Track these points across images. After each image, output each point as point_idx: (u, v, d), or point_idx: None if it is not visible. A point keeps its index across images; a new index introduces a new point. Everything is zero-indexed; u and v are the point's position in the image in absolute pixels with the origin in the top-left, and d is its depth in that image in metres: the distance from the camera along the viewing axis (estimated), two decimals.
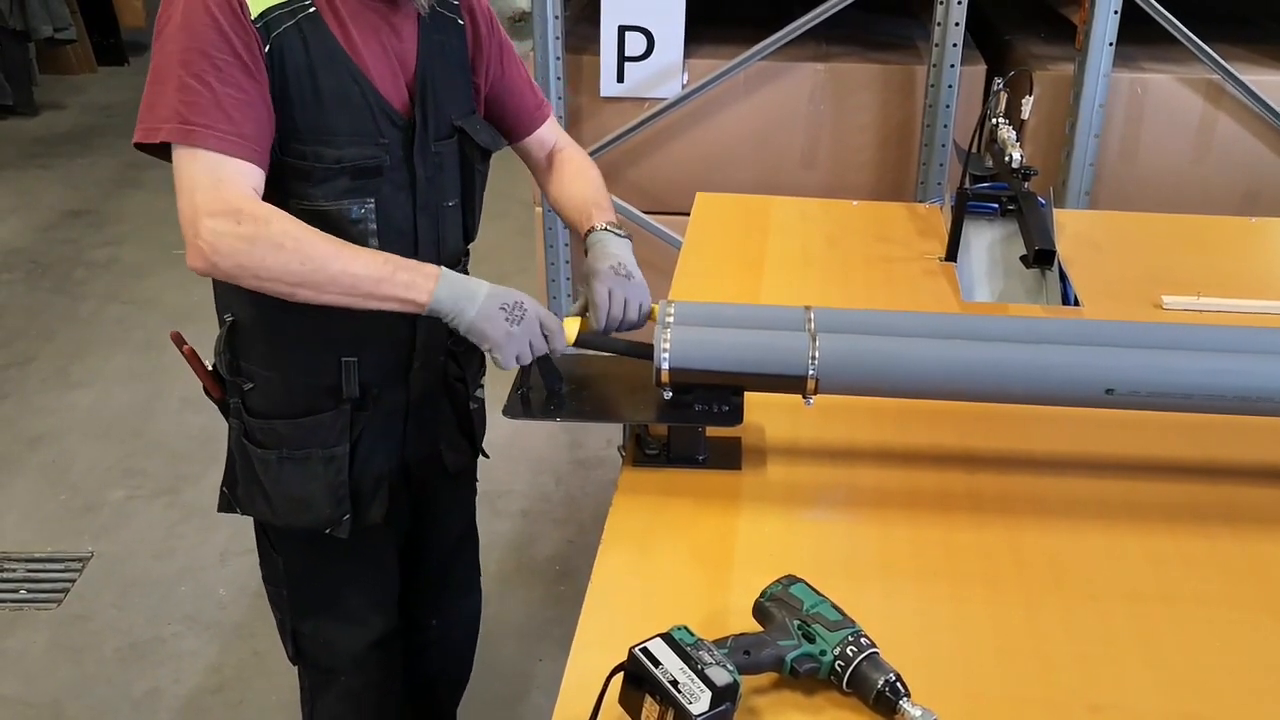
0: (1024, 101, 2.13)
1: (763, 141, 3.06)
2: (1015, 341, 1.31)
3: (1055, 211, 2.02)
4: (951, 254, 1.96)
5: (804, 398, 1.28)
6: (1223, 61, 2.80)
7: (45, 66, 6.51)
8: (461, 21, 1.49)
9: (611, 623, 1.13)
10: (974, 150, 2.13)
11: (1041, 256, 1.86)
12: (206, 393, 1.56)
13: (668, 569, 1.21)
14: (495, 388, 1.63)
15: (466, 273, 1.49)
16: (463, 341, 1.40)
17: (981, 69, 2.95)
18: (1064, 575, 1.21)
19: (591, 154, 3.00)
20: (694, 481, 1.34)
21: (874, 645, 1.04)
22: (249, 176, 1.28)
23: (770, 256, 2.01)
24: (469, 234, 1.58)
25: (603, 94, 3.02)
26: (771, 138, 3.05)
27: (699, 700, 0.98)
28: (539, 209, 3.18)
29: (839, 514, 1.32)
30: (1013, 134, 2.04)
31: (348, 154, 1.36)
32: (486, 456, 1.78)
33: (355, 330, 1.42)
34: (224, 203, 1.25)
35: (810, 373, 1.25)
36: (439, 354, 1.57)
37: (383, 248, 1.38)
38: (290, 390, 1.48)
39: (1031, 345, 1.30)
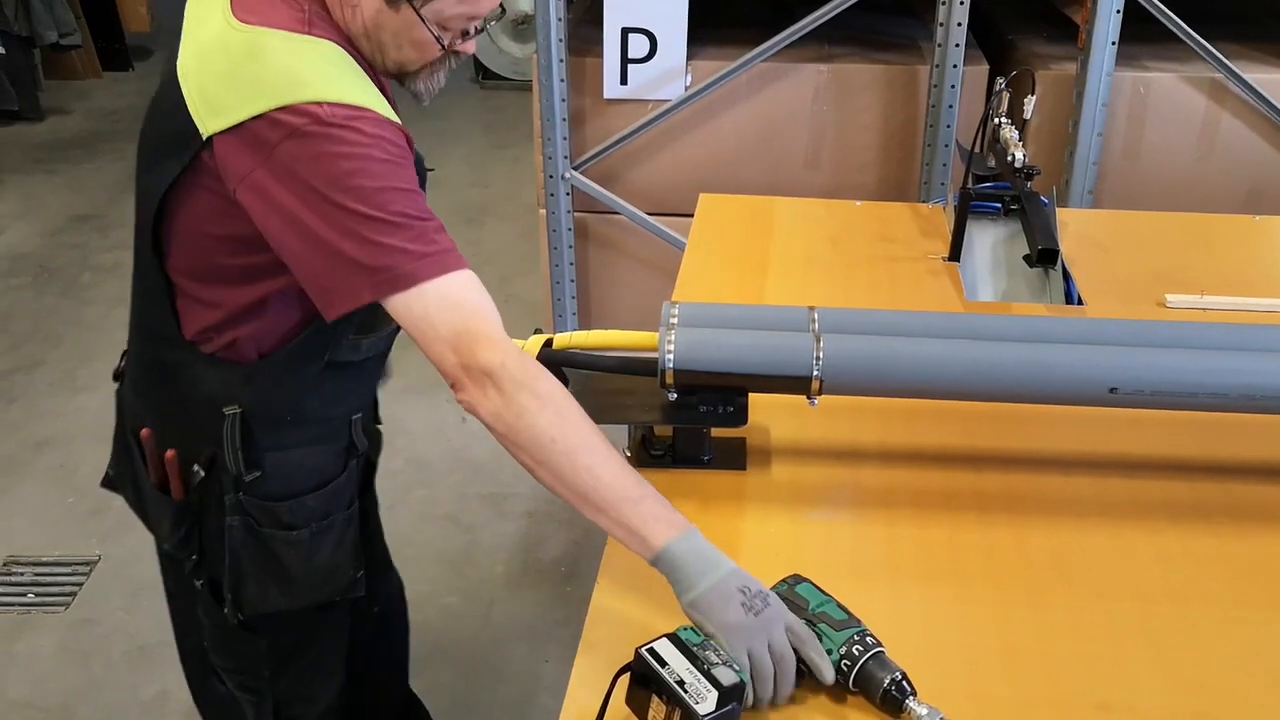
0: (1026, 101, 2.13)
1: (766, 142, 3.06)
2: (1019, 341, 1.31)
3: (1058, 211, 2.02)
4: (955, 254, 1.97)
5: (808, 398, 1.28)
6: (1226, 60, 2.80)
7: (50, 72, 6.52)
8: None
9: (618, 624, 1.13)
10: (977, 150, 2.13)
11: (1045, 256, 1.86)
12: (164, 493, 1.40)
13: None
14: None
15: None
16: None
17: (984, 69, 2.95)
18: (1070, 574, 1.21)
19: (595, 157, 3.05)
20: (699, 482, 1.34)
21: (880, 644, 1.04)
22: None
23: (774, 257, 2.01)
24: None
25: (606, 96, 3.02)
26: (775, 139, 3.05)
27: (706, 700, 0.98)
28: (543, 211, 3.18)
29: (844, 514, 1.32)
30: (1015, 133, 2.04)
31: None
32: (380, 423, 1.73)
33: (359, 392, 1.43)
34: (485, 358, 1.11)
35: (815, 373, 1.26)
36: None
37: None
38: (310, 463, 1.41)
39: (1035, 344, 1.30)
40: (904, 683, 1.02)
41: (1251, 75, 2.83)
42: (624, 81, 2.98)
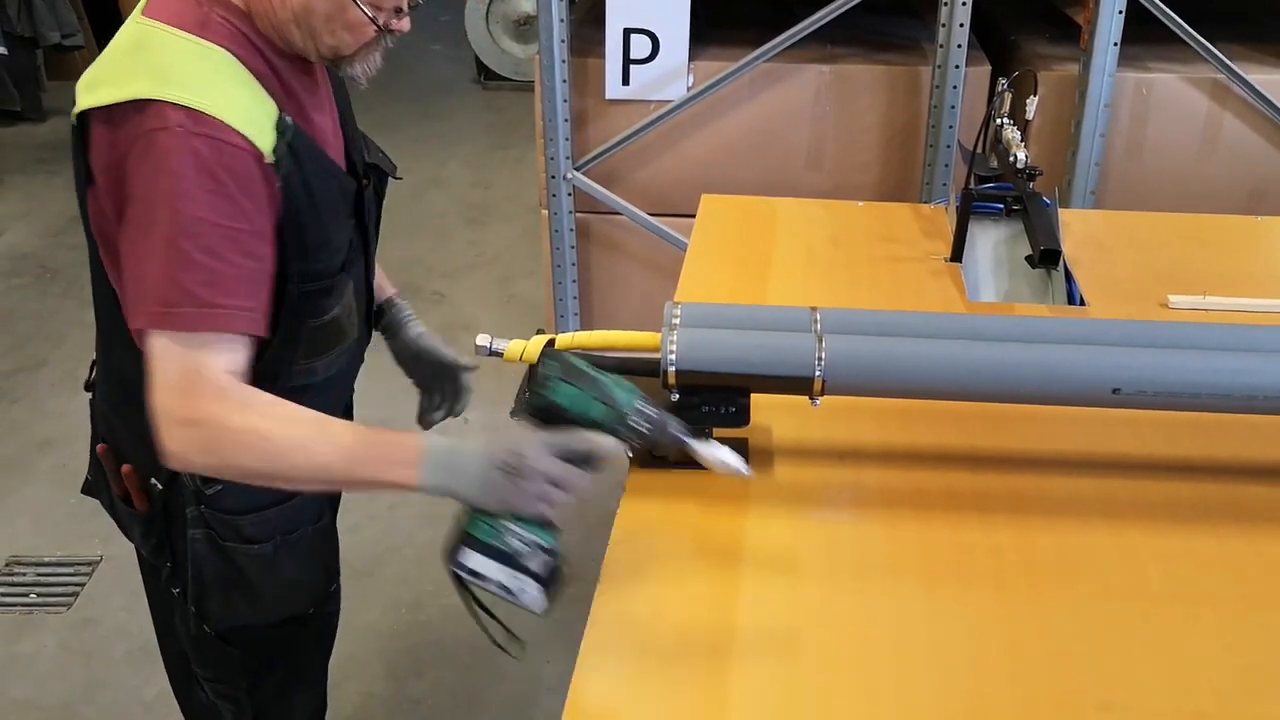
0: (1029, 102, 2.12)
1: (768, 143, 3.06)
2: (1021, 341, 1.31)
3: (1060, 211, 2.02)
4: (957, 254, 1.96)
5: (811, 399, 1.28)
6: (1228, 61, 2.80)
7: (53, 73, 6.53)
8: None
9: (620, 624, 1.13)
10: (979, 151, 2.13)
11: (1047, 256, 1.86)
12: (128, 505, 1.41)
13: (675, 570, 1.21)
14: (501, 391, 1.64)
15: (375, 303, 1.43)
16: None
17: (986, 70, 2.95)
18: (1072, 574, 1.21)
19: (597, 157, 3.05)
20: (701, 483, 1.34)
21: (660, 406, 1.14)
22: (237, 358, 1.16)
23: (776, 258, 2.01)
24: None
25: (608, 96, 3.02)
26: (777, 139, 3.05)
27: (533, 596, 1.09)
28: (545, 212, 3.18)
29: (846, 514, 1.32)
30: (1018, 134, 2.04)
31: (340, 247, 1.29)
32: None
33: (328, 402, 1.37)
34: (189, 410, 1.13)
35: (817, 374, 1.26)
36: None
37: (355, 321, 1.36)
38: None
39: (1037, 345, 1.30)
40: (690, 431, 1.14)
41: (1253, 76, 2.83)
42: (626, 82, 2.99)
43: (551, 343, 1.36)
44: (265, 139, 1.16)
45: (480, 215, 4.77)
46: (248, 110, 1.15)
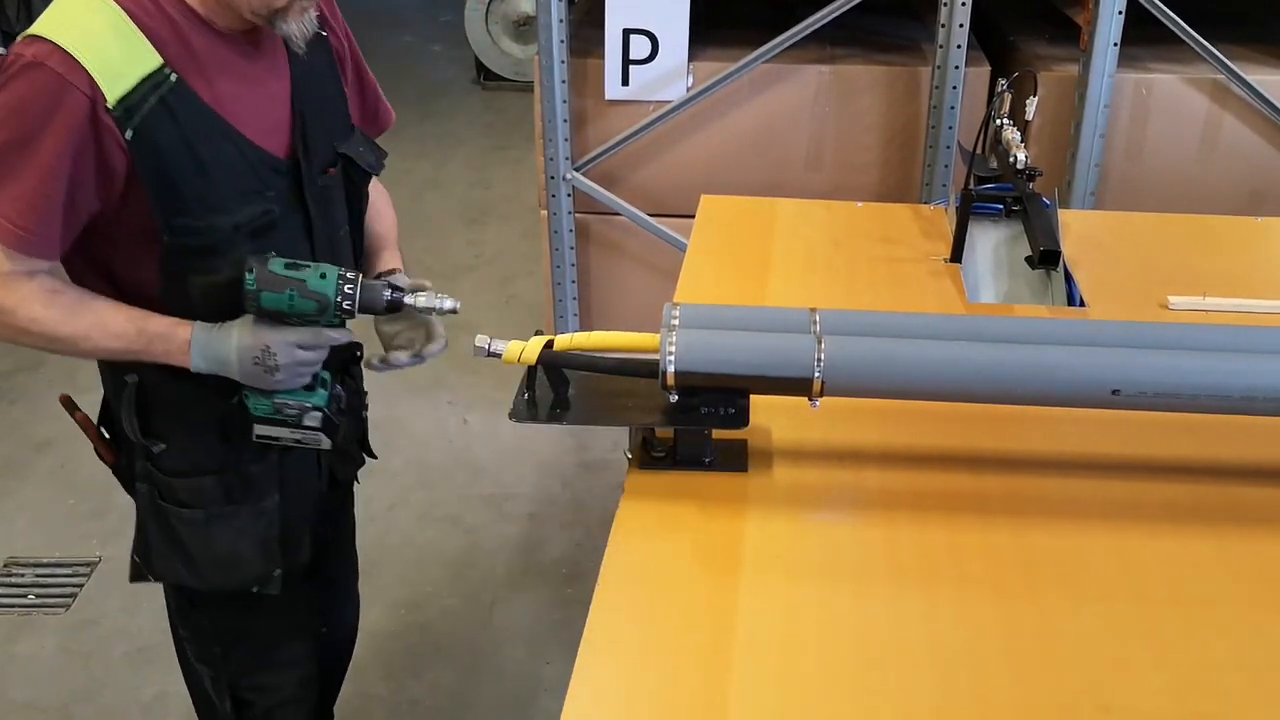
0: (1028, 102, 2.12)
1: (767, 144, 3.06)
2: (1021, 343, 1.31)
3: (1060, 212, 2.01)
4: (956, 255, 1.96)
5: (810, 400, 1.28)
6: (1228, 61, 2.79)
7: None
8: (325, 33, 1.46)
9: (619, 625, 1.13)
10: (979, 151, 2.13)
11: (1046, 257, 1.86)
12: (99, 456, 1.51)
13: (675, 571, 1.21)
14: (500, 391, 1.64)
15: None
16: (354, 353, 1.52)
17: (986, 70, 2.95)
18: (1071, 576, 1.21)
19: (597, 158, 3.05)
20: (700, 484, 1.34)
21: (364, 280, 1.34)
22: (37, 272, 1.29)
23: (775, 258, 2.01)
24: (359, 257, 1.57)
25: (607, 97, 3.02)
26: (776, 140, 3.05)
27: (317, 439, 1.41)
28: (544, 213, 3.18)
29: (845, 516, 1.32)
30: (1017, 135, 2.04)
31: (242, 216, 1.33)
32: (375, 457, 1.77)
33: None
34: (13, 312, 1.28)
35: (816, 375, 1.25)
36: (341, 374, 1.55)
37: None
38: (214, 445, 1.44)
39: (1037, 346, 1.30)
40: (395, 290, 1.35)
41: (1253, 76, 2.83)
42: (625, 82, 2.98)
43: (550, 343, 1.36)
44: (117, 87, 1.22)
45: (480, 216, 4.77)
46: (109, 59, 1.22)
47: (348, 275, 1.33)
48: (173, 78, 1.26)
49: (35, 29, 1.23)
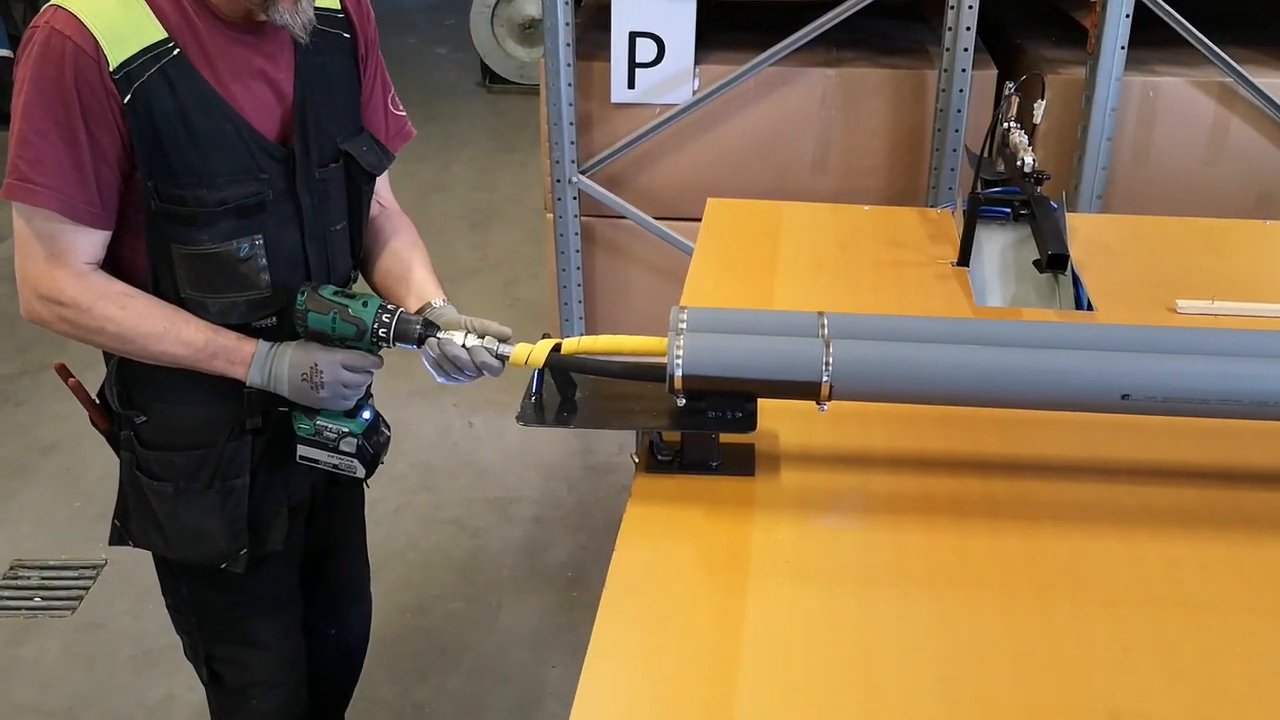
0: (1036, 105, 2.12)
1: (774, 147, 3.06)
2: (1029, 347, 1.31)
3: (1068, 215, 2.01)
4: (964, 259, 1.96)
5: (818, 404, 1.27)
6: (1235, 64, 2.79)
7: None
8: (348, 36, 1.48)
9: (626, 629, 1.13)
10: (986, 155, 2.12)
11: (1054, 261, 1.85)
12: (93, 423, 1.56)
13: (681, 575, 1.21)
14: (505, 394, 1.63)
15: (353, 285, 1.57)
16: None
17: (993, 73, 2.94)
18: (1080, 581, 1.20)
19: (602, 161, 3.05)
20: (707, 488, 1.34)
21: (405, 314, 1.41)
22: (87, 246, 1.34)
23: (782, 262, 2.01)
24: (356, 255, 1.58)
25: (613, 100, 3.02)
26: (782, 143, 3.05)
27: (351, 466, 1.49)
28: (550, 215, 3.18)
29: (853, 520, 1.31)
30: (1024, 138, 2.04)
31: (230, 194, 1.36)
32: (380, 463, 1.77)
33: None
34: (54, 289, 1.34)
35: (824, 379, 1.25)
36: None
37: (274, 279, 1.43)
38: (189, 422, 1.48)
39: (1045, 350, 1.30)
40: (429, 325, 1.40)
41: (1261, 79, 2.83)
42: (631, 86, 2.98)
43: (558, 347, 1.35)
44: (119, 51, 1.27)
45: (484, 218, 4.77)
46: (115, 25, 1.27)
47: (388, 306, 1.42)
48: (175, 51, 1.30)
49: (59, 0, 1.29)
